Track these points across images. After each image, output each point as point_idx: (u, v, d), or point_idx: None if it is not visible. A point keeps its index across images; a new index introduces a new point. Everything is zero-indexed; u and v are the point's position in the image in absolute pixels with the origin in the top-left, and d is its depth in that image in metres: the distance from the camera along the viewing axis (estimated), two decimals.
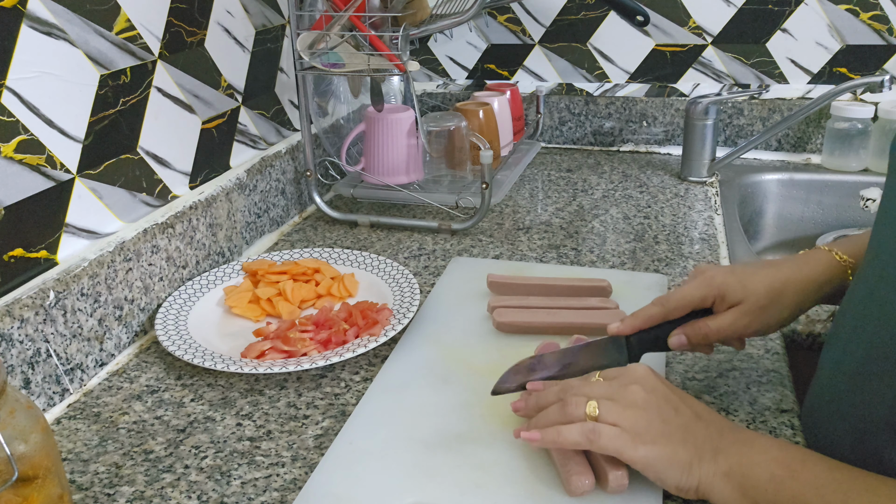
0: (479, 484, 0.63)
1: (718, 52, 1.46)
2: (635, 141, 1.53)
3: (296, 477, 0.67)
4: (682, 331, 0.70)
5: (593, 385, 0.63)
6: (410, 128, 1.19)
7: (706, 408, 0.61)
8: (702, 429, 0.58)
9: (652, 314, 0.70)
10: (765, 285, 0.68)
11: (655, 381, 0.61)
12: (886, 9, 1.36)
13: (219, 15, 1.06)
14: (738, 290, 0.68)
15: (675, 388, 0.62)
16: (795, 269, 0.70)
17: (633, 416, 0.59)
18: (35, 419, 0.52)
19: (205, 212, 1.00)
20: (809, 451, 0.56)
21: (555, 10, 1.51)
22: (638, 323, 0.70)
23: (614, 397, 0.60)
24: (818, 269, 0.70)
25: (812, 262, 0.71)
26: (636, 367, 0.63)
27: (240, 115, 1.13)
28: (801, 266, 0.70)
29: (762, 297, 0.68)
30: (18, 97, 0.75)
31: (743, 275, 0.69)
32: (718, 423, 0.60)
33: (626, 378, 0.62)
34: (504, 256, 1.08)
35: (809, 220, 1.37)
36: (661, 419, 0.58)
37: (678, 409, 0.60)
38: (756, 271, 0.70)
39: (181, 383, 0.81)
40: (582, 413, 0.60)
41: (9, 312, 0.72)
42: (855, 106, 1.34)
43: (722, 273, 0.69)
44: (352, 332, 0.85)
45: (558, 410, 0.62)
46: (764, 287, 0.68)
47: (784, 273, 0.69)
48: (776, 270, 0.70)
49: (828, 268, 0.70)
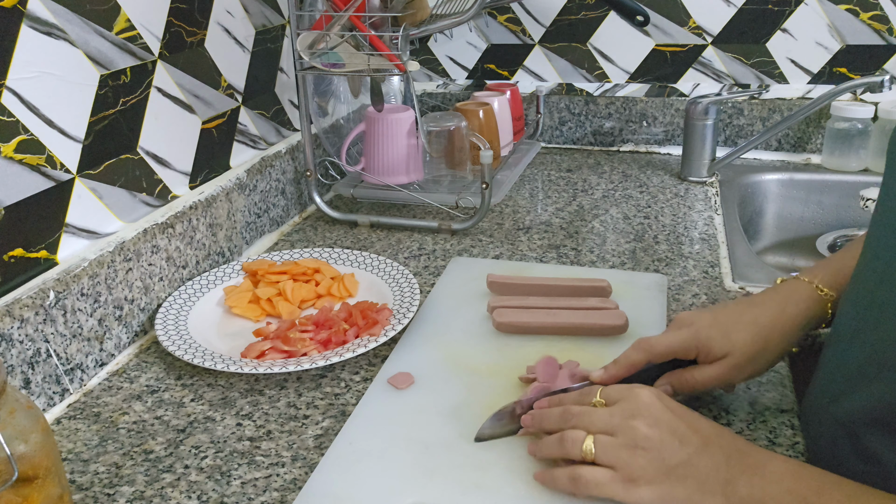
0: (479, 484, 0.63)
1: (718, 52, 1.46)
2: (635, 141, 1.53)
3: (296, 477, 0.67)
4: (667, 380, 0.69)
5: (594, 414, 0.60)
6: (410, 128, 1.19)
7: (716, 429, 0.59)
8: (707, 460, 0.56)
9: (635, 361, 0.69)
10: (750, 336, 0.67)
11: (660, 411, 0.58)
12: (886, 9, 1.36)
13: (219, 15, 1.06)
14: (723, 344, 0.67)
15: (683, 409, 0.60)
16: (778, 310, 0.69)
17: (630, 457, 0.57)
18: (35, 419, 0.52)
19: (205, 212, 1.00)
20: (824, 475, 0.54)
21: (555, 10, 1.51)
22: (621, 372, 0.69)
23: (615, 432, 0.58)
24: (800, 307, 0.69)
25: (794, 299, 0.69)
26: (640, 393, 0.60)
27: (240, 115, 1.13)
28: (784, 306, 0.69)
29: (748, 350, 0.67)
30: (18, 97, 0.75)
31: (727, 326, 0.67)
32: (727, 447, 0.57)
33: (629, 407, 0.59)
34: (504, 256, 1.08)
35: (809, 220, 1.37)
36: (661, 458, 0.56)
37: (684, 439, 0.57)
38: (739, 318, 0.68)
39: (181, 383, 0.81)
40: (578, 452, 0.59)
41: (9, 312, 0.72)
42: (855, 106, 1.34)
43: (706, 325, 0.68)
44: (352, 332, 0.85)
45: (557, 445, 0.61)
46: (750, 338, 0.67)
47: (767, 317, 0.68)
48: (759, 314, 0.68)
49: (810, 304, 0.69)
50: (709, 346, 0.67)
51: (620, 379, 0.69)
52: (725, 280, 0.99)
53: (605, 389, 0.62)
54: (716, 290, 0.96)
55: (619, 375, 0.69)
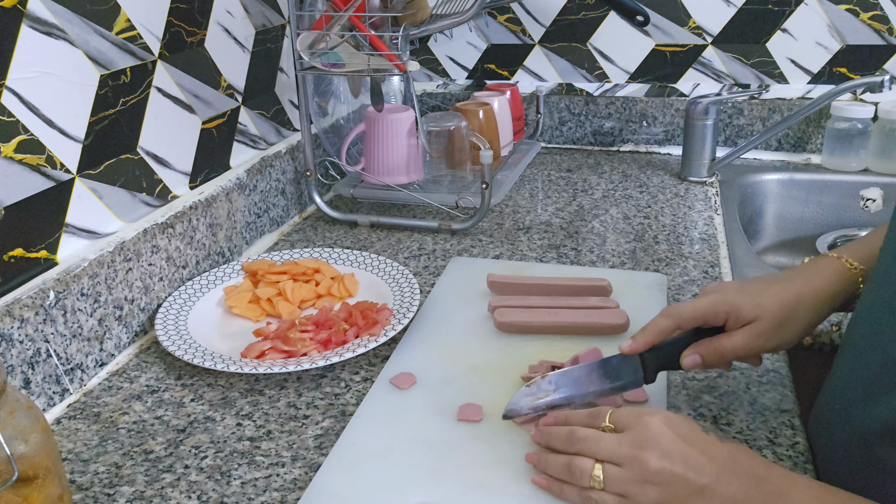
0: (483, 484, 0.63)
1: (718, 52, 1.46)
2: (635, 141, 1.53)
3: (296, 477, 0.67)
4: (695, 350, 0.67)
5: (601, 441, 0.58)
6: (410, 128, 1.19)
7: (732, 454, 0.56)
8: (724, 489, 0.53)
9: (662, 327, 0.67)
10: (778, 302, 0.66)
11: (671, 442, 0.56)
12: (886, 9, 1.36)
13: (219, 15, 1.06)
14: (751, 308, 0.66)
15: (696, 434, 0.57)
16: (807, 281, 0.68)
17: (641, 492, 0.55)
18: (35, 419, 0.52)
19: (205, 212, 1.00)
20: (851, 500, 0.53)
21: (555, 10, 1.51)
22: (650, 338, 0.67)
23: (623, 463, 0.56)
24: (830, 279, 0.68)
25: (823, 272, 0.68)
26: (650, 422, 0.57)
27: (240, 115, 1.13)
28: (812, 277, 0.68)
29: (777, 315, 0.66)
30: (18, 97, 0.75)
31: (755, 292, 0.67)
32: (745, 474, 0.54)
33: (639, 437, 0.57)
34: (504, 256, 1.08)
35: (809, 220, 1.37)
36: (674, 491, 0.54)
37: (698, 469, 0.54)
38: (767, 287, 0.67)
39: (181, 383, 0.81)
40: (587, 481, 0.57)
41: (9, 312, 0.72)
42: (855, 106, 1.34)
43: (734, 290, 0.67)
44: (352, 332, 0.85)
45: (565, 469, 0.59)
46: (778, 304, 0.66)
47: (796, 287, 0.67)
48: (788, 284, 0.67)
49: (839, 277, 0.68)
50: (738, 309, 0.66)
51: (649, 346, 0.68)
52: (725, 280, 0.99)
53: (615, 413, 0.60)
54: None
55: (647, 342, 0.68)
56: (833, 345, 0.88)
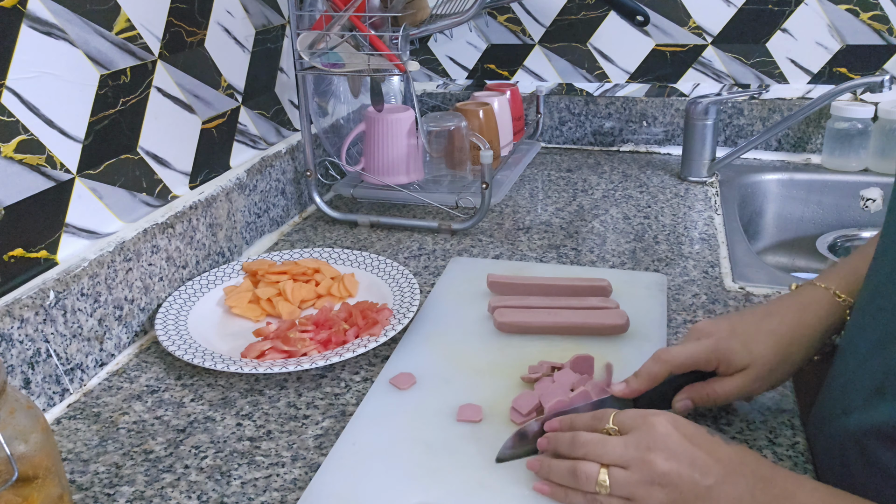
0: (483, 484, 0.63)
1: (718, 52, 1.46)
2: (635, 141, 1.53)
3: (296, 477, 0.67)
4: (687, 395, 0.67)
5: (607, 444, 0.58)
6: (410, 128, 1.19)
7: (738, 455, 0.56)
8: (730, 490, 0.53)
9: (655, 373, 0.67)
10: (771, 347, 0.66)
11: (677, 443, 0.55)
12: (886, 9, 1.36)
13: (219, 15, 1.06)
14: (744, 356, 0.65)
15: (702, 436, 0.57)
16: (797, 319, 0.67)
17: (647, 494, 0.55)
18: (35, 419, 0.52)
19: (205, 212, 1.00)
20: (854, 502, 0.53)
21: (555, 10, 1.51)
22: (643, 385, 0.67)
23: (629, 465, 0.56)
24: (821, 314, 0.67)
25: (813, 307, 0.68)
26: (656, 423, 0.57)
27: (240, 115, 1.13)
28: (803, 314, 0.68)
29: (769, 360, 0.66)
30: (18, 97, 0.75)
31: (746, 337, 0.66)
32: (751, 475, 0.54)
33: (645, 439, 0.56)
34: (504, 256, 1.08)
35: (809, 220, 1.37)
36: (680, 492, 0.54)
37: (704, 470, 0.54)
38: (758, 328, 0.67)
39: (181, 383, 0.81)
40: (593, 486, 0.56)
41: (9, 312, 0.72)
42: (855, 106, 1.34)
43: (726, 336, 0.66)
44: (352, 332, 0.85)
45: (569, 475, 0.58)
46: (770, 349, 0.66)
47: (787, 326, 0.67)
48: (779, 324, 0.67)
49: (829, 311, 0.68)
50: (729, 357, 0.66)
51: (642, 392, 0.67)
52: (725, 280, 0.99)
53: (619, 415, 0.60)
54: (716, 290, 0.96)
55: (640, 389, 0.67)
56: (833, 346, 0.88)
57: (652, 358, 0.68)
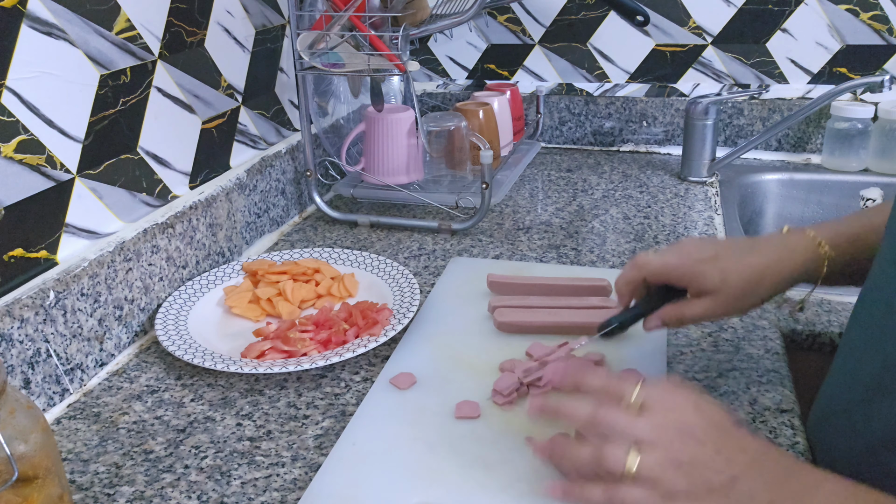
0: (484, 484, 0.63)
1: (718, 52, 1.46)
2: (635, 141, 1.53)
3: (296, 477, 0.67)
4: (658, 317, 0.71)
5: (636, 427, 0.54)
6: (410, 128, 1.19)
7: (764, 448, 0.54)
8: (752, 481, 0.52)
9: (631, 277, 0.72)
10: (743, 278, 0.68)
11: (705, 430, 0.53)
12: (886, 9, 1.36)
13: (219, 15, 1.06)
14: (715, 282, 0.68)
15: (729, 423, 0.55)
16: (777, 257, 0.70)
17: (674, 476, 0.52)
18: (35, 419, 0.52)
19: (205, 212, 1.00)
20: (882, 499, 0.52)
21: (555, 10, 1.51)
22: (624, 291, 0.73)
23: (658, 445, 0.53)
24: (797, 258, 0.69)
25: (795, 249, 0.70)
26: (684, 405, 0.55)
27: (240, 115, 1.13)
28: (782, 252, 0.70)
29: (738, 291, 0.68)
30: (18, 97, 0.75)
31: (724, 265, 0.69)
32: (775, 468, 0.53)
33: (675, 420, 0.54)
34: (504, 256, 1.08)
35: (809, 220, 1.37)
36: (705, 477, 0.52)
37: (731, 458, 0.52)
38: (738, 262, 0.69)
39: (181, 383, 0.81)
40: (621, 467, 0.52)
41: (9, 312, 0.72)
42: (855, 106, 1.34)
43: (706, 260, 0.69)
44: (352, 332, 0.85)
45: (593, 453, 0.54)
46: (742, 280, 0.68)
47: (763, 261, 0.69)
48: (758, 260, 0.69)
49: (807, 258, 0.69)
50: (701, 280, 0.68)
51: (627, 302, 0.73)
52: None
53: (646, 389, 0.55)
54: None
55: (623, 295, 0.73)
56: (833, 345, 0.88)
57: (629, 263, 0.73)
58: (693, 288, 0.69)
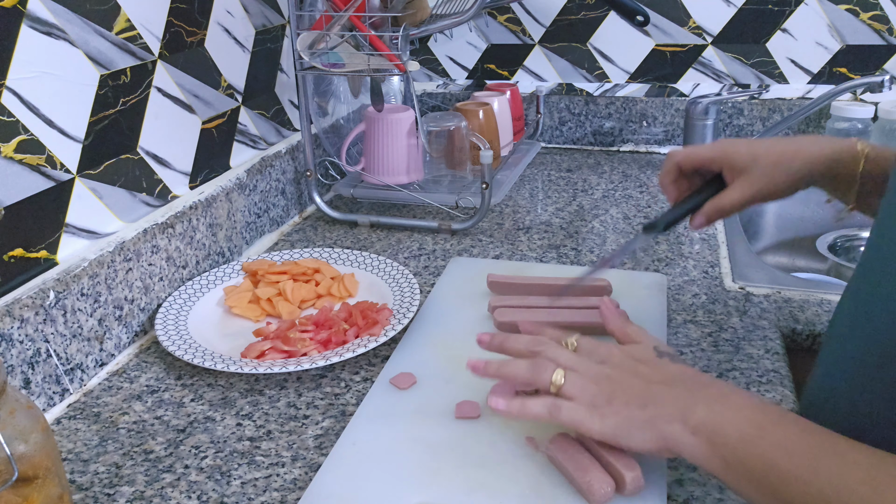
0: (484, 483, 0.63)
1: (718, 52, 1.46)
2: (635, 141, 1.53)
3: (296, 477, 0.67)
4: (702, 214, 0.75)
5: (564, 352, 0.64)
6: (410, 128, 1.19)
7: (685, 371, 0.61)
8: (668, 392, 0.59)
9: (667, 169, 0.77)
10: (775, 152, 0.70)
11: (627, 360, 0.63)
12: (886, 9, 1.36)
13: (219, 15, 1.06)
14: (745, 157, 0.70)
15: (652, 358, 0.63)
16: (810, 143, 0.72)
17: (593, 391, 0.60)
18: (35, 419, 0.52)
19: (205, 212, 1.00)
20: (785, 412, 0.55)
21: (555, 10, 1.51)
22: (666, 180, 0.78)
23: (579, 369, 0.62)
24: (833, 148, 0.71)
25: (833, 142, 0.72)
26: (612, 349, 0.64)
27: (240, 115, 1.13)
28: (819, 140, 0.72)
29: (770, 160, 0.70)
30: (18, 97, 0.75)
31: (756, 147, 0.71)
32: (691, 383, 0.59)
33: (599, 354, 0.64)
34: (504, 256, 1.08)
35: (809, 220, 1.37)
36: (622, 389, 0.60)
37: (648, 378, 0.60)
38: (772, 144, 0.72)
39: (181, 383, 0.81)
40: (548, 379, 0.62)
41: (9, 312, 0.72)
42: (855, 106, 1.34)
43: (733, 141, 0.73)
44: (352, 332, 0.85)
45: (527, 367, 0.64)
46: (774, 154, 0.70)
47: (797, 144, 0.71)
48: (790, 142, 0.72)
49: (843, 147, 0.71)
50: (732, 157, 0.71)
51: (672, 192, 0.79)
52: (725, 280, 0.99)
53: (582, 339, 0.66)
54: (716, 290, 0.96)
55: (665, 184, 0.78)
56: None
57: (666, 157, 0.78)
58: (725, 169, 0.72)
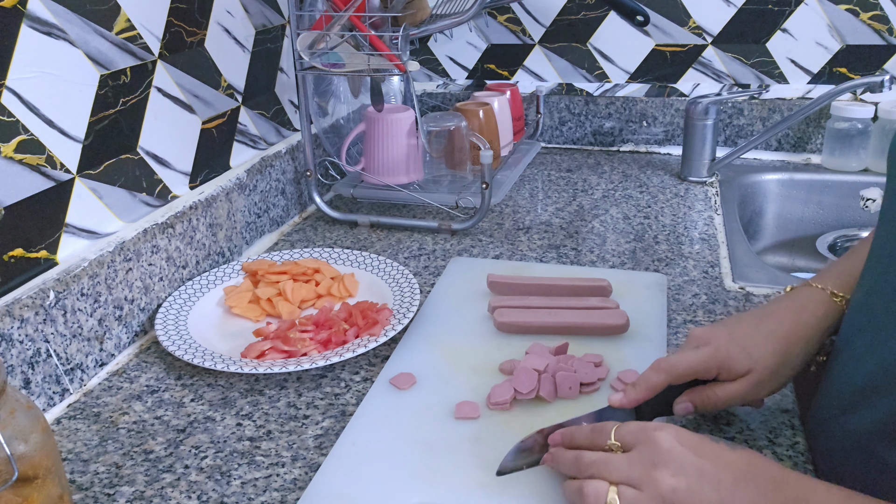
0: (483, 484, 0.63)
1: (718, 52, 1.46)
2: (635, 141, 1.53)
3: (296, 477, 0.67)
4: (688, 398, 0.66)
5: (611, 463, 0.55)
6: (410, 128, 1.19)
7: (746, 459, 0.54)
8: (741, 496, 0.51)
9: (654, 383, 0.65)
10: (770, 350, 0.65)
11: (682, 456, 0.53)
12: (886, 9, 1.36)
13: (219, 15, 1.06)
14: (744, 362, 0.65)
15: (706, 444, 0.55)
16: (795, 320, 0.67)
17: None
18: (35, 419, 0.52)
19: (205, 212, 1.00)
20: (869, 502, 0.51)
21: (555, 10, 1.51)
22: (641, 395, 0.65)
23: (637, 484, 0.53)
24: (818, 313, 0.67)
25: (810, 307, 0.68)
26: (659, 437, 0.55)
27: (240, 115, 1.13)
28: (800, 315, 0.67)
29: (770, 363, 0.65)
30: (18, 97, 0.75)
31: (745, 342, 0.66)
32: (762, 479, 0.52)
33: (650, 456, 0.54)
34: (504, 256, 1.08)
35: (809, 220, 1.37)
36: None
37: (715, 481, 0.52)
38: (756, 332, 0.66)
39: (181, 383, 0.81)
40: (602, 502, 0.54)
41: (9, 312, 0.72)
42: (855, 106, 1.34)
43: (725, 343, 0.66)
44: (352, 332, 0.85)
45: (577, 496, 0.56)
46: (770, 352, 0.65)
47: (785, 328, 0.66)
48: (777, 326, 0.66)
49: (826, 310, 0.67)
50: (730, 364, 0.65)
51: (640, 403, 0.66)
52: (725, 280, 0.99)
53: (620, 430, 0.57)
54: (716, 290, 0.96)
55: (639, 399, 0.65)
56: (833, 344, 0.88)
57: (651, 367, 0.66)
58: (724, 374, 0.65)
